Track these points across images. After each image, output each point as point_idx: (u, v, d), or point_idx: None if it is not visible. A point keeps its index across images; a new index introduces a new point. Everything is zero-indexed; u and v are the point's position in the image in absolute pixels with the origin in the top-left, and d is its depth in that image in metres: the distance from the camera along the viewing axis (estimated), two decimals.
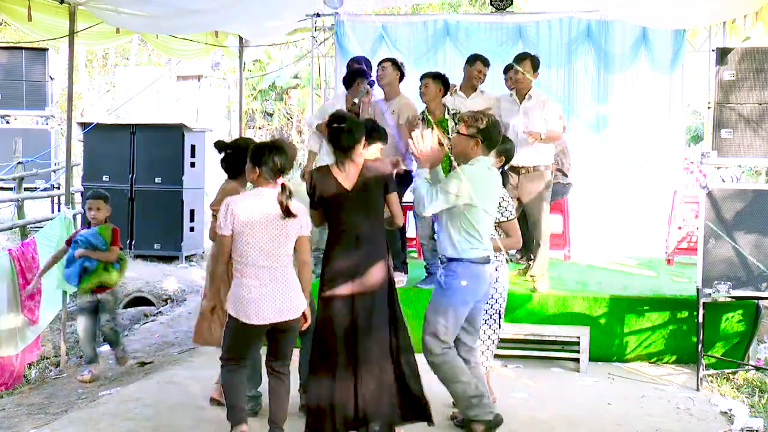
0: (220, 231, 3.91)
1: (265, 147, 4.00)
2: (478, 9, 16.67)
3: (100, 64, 21.63)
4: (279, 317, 3.92)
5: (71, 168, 7.64)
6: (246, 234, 3.88)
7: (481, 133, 4.27)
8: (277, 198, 3.91)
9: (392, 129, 5.88)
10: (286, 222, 3.92)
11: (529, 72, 6.05)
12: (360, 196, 4.22)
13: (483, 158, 4.30)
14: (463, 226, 4.24)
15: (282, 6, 7.93)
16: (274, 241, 3.91)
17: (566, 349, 5.84)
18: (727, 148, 5.54)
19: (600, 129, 8.81)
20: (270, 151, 3.96)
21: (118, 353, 6.14)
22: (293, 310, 3.98)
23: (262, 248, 3.89)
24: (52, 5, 6.20)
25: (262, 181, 3.97)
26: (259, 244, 3.89)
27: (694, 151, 13.02)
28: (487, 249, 4.31)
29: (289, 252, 3.98)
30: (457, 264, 4.26)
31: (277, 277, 3.93)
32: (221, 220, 3.90)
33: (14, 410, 5.29)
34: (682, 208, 7.84)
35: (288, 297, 3.95)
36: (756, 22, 7.07)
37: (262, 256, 3.89)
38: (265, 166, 3.94)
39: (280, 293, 3.93)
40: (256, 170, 3.96)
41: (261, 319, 3.90)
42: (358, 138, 4.23)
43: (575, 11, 8.78)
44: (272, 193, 3.93)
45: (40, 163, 11.79)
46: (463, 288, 4.25)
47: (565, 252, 7.80)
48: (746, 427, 4.66)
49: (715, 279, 5.36)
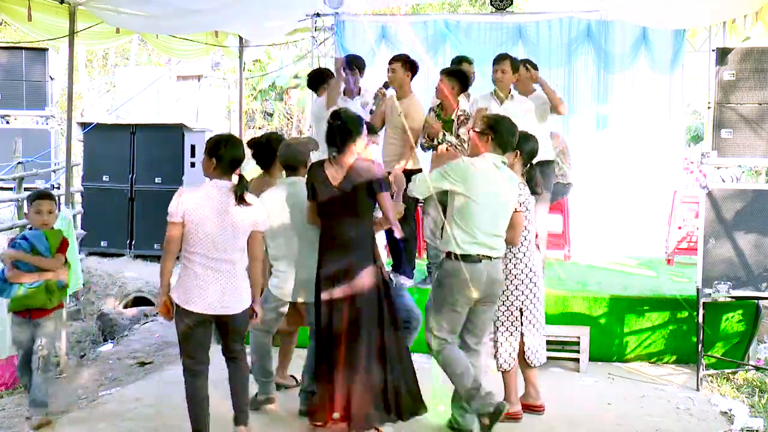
0: (169, 218, 3.94)
1: (221, 140, 4.05)
2: (478, 9, 16.67)
3: (100, 64, 21.61)
4: (221, 310, 3.94)
5: (71, 168, 7.65)
6: (195, 223, 3.91)
7: (491, 130, 4.29)
8: (231, 188, 3.95)
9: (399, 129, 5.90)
10: (238, 215, 3.95)
11: (508, 71, 6.05)
12: (346, 196, 4.24)
13: (489, 155, 4.27)
14: (456, 220, 4.23)
15: (282, 6, 7.93)
16: (223, 233, 3.93)
17: (566, 349, 5.84)
18: (727, 148, 5.54)
19: (600, 129, 8.82)
20: (226, 145, 4.02)
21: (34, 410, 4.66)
22: (236, 305, 3.98)
23: (211, 239, 3.92)
24: (52, 5, 6.21)
25: (219, 174, 4.01)
26: (208, 235, 3.91)
27: (694, 151, 13.02)
28: (486, 247, 4.22)
29: (239, 246, 3.99)
30: (450, 261, 4.24)
31: (224, 269, 3.95)
32: (172, 207, 3.93)
33: (14, 410, 5.29)
34: (682, 208, 7.84)
35: (232, 291, 3.96)
36: (756, 22, 7.07)
37: (210, 248, 3.92)
38: (222, 158, 3.99)
39: (224, 286, 3.94)
40: (212, 162, 4.01)
41: (202, 308, 3.90)
42: (353, 135, 4.25)
43: (575, 11, 8.78)
44: (227, 185, 3.98)
45: (40, 163, 11.76)
46: (452, 285, 4.21)
47: (565, 252, 7.80)
48: (746, 427, 4.67)
49: (715, 279, 5.36)
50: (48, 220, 4.79)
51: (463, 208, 4.21)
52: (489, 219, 4.24)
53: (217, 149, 4.00)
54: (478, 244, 4.21)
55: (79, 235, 8.63)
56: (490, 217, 4.24)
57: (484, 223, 4.21)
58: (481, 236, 4.21)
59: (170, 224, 3.94)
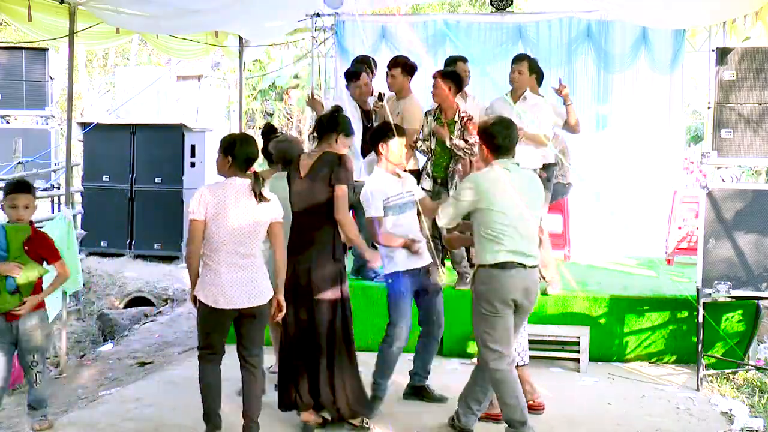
0: (192, 216, 4.02)
1: (236, 139, 4.16)
2: (478, 9, 16.66)
3: (100, 64, 21.60)
4: (247, 303, 4.04)
5: (71, 168, 7.64)
6: (217, 220, 3.99)
7: (484, 137, 4.26)
8: (249, 186, 4.04)
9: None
10: (257, 209, 4.05)
11: (525, 73, 6.01)
12: (309, 186, 4.30)
13: (498, 161, 4.21)
14: (480, 232, 4.19)
15: (282, 6, 7.93)
16: (244, 228, 4.02)
17: (566, 349, 5.84)
18: (727, 148, 5.53)
19: (600, 129, 8.81)
20: (241, 143, 4.12)
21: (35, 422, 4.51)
22: (260, 296, 4.08)
23: (235, 236, 4.00)
24: (52, 5, 6.20)
25: (235, 171, 4.09)
26: (229, 230, 3.99)
27: (694, 151, 13.00)
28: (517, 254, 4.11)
29: (259, 239, 4.10)
30: (484, 269, 4.18)
31: (246, 264, 4.04)
32: (194, 205, 4.02)
33: (14, 410, 5.29)
34: (682, 208, 7.84)
35: (256, 283, 4.06)
36: (756, 22, 7.06)
37: (233, 243, 4.00)
38: (237, 157, 4.07)
39: (249, 279, 4.04)
40: (228, 160, 4.09)
41: (229, 304, 4.00)
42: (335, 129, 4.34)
43: (575, 11, 8.77)
44: (244, 182, 4.07)
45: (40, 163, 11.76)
46: (488, 292, 4.13)
47: (565, 252, 7.80)
48: (746, 427, 4.67)
49: (715, 279, 5.36)
50: (23, 216, 4.37)
51: (486, 219, 4.15)
52: (514, 224, 4.14)
53: (232, 148, 4.09)
54: (509, 252, 4.11)
55: (79, 235, 8.62)
56: (514, 222, 4.14)
57: (505, 228, 4.13)
58: (509, 243, 4.11)
59: (192, 222, 4.03)
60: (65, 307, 6.51)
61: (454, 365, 5.83)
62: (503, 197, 4.13)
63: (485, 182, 4.17)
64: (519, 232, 4.13)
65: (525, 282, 4.15)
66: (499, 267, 4.11)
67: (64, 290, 6.35)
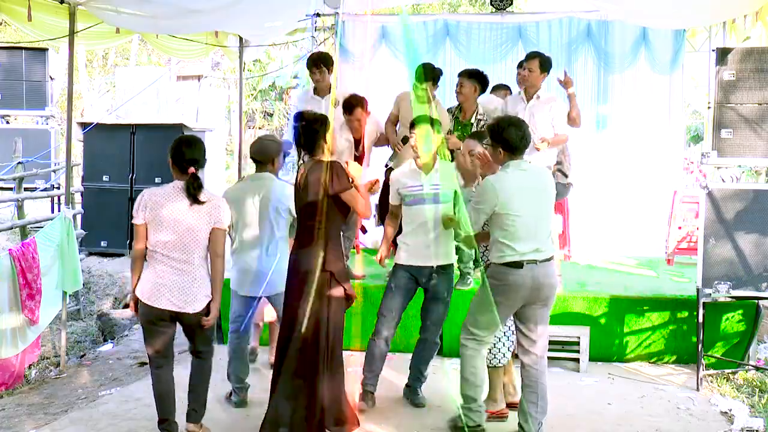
0: (133, 220, 4.08)
1: (177, 141, 4.19)
2: (478, 9, 16.68)
3: (100, 64, 21.61)
4: (175, 308, 4.04)
5: (71, 168, 7.63)
6: (153, 223, 4.02)
7: (494, 138, 4.27)
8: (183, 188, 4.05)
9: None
10: (192, 214, 4.03)
11: (536, 71, 6.00)
12: (303, 197, 4.27)
13: (510, 163, 4.23)
14: (494, 231, 4.24)
15: (282, 6, 7.92)
16: (182, 232, 4.02)
17: (566, 349, 5.84)
18: (727, 148, 5.54)
19: (600, 129, 8.81)
20: (180, 145, 4.15)
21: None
22: (191, 304, 4.06)
23: (169, 240, 4.00)
24: (52, 5, 6.19)
25: (176, 174, 4.13)
26: (163, 234, 4.00)
27: (694, 151, 13.01)
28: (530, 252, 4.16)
29: (197, 246, 4.06)
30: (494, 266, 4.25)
31: (183, 269, 4.03)
32: (135, 209, 4.07)
33: (14, 410, 5.29)
34: (682, 208, 7.85)
35: (188, 291, 4.05)
36: (756, 22, 7.06)
37: (168, 248, 4.01)
38: (176, 159, 4.12)
39: (181, 285, 4.03)
40: (170, 163, 4.16)
41: (156, 303, 4.01)
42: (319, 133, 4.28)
43: (575, 11, 8.78)
44: (180, 185, 4.09)
45: (40, 163, 11.78)
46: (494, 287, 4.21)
47: (565, 252, 7.79)
48: (746, 427, 4.67)
49: (715, 279, 5.37)
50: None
51: (501, 222, 4.19)
52: (528, 224, 4.18)
53: (174, 150, 4.13)
54: (520, 252, 4.15)
55: (79, 235, 8.62)
56: (529, 221, 4.19)
57: (518, 228, 4.16)
58: (521, 243, 4.16)
59: (135, 225, 4.08)
60: (65, 307, 6.51)
61: (455, 365, 5.81)
62: (521, 200, 4.17)
63: (503, 190, 4.17)
64: (532, 231, 4.19)
65: (536, 278, 4.18)
66: (509, 266, 4.17)
67: (64, 290, 6.35)
